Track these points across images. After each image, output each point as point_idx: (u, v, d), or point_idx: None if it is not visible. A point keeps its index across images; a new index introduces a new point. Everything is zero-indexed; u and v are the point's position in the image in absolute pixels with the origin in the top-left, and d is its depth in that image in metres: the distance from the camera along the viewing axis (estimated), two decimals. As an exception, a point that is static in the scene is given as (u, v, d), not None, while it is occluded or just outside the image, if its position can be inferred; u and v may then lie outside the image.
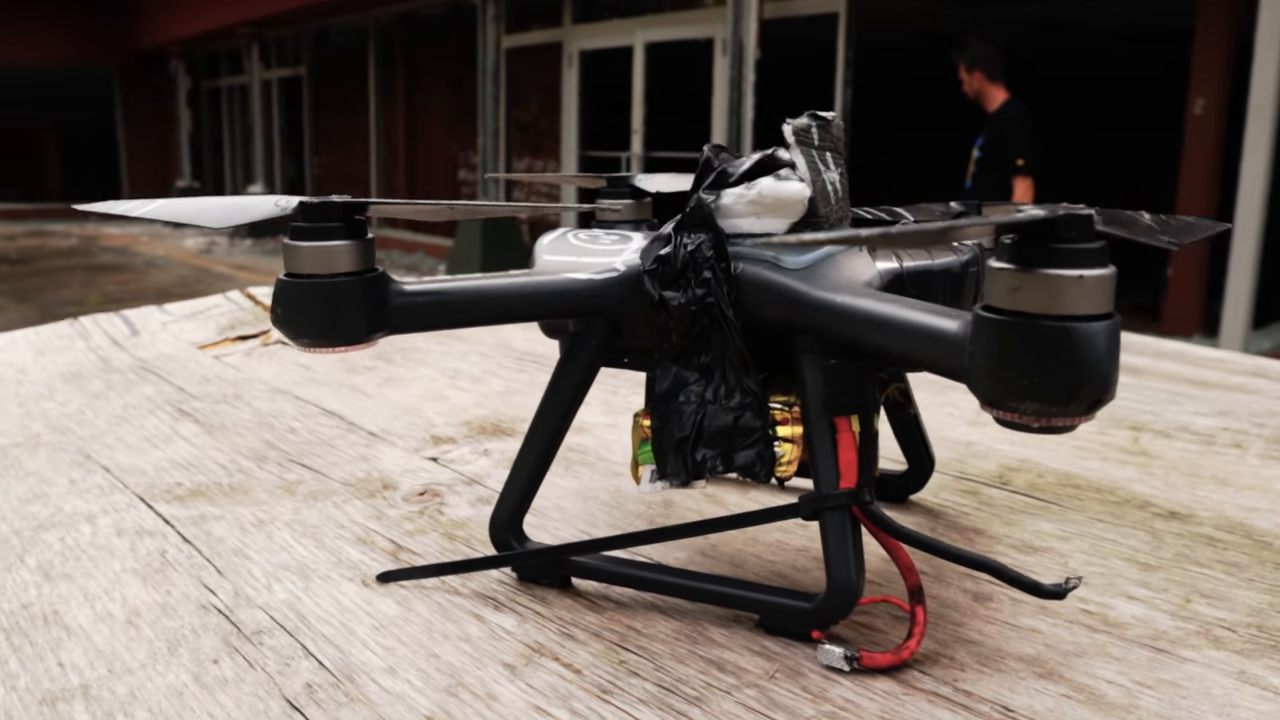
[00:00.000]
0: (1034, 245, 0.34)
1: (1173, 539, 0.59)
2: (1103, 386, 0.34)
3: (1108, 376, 0.34)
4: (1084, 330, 0.34)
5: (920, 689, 0.43)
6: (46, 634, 0.50)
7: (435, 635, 0.49)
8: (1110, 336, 0.34)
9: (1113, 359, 0.34)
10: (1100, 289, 0.34)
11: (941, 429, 0.80)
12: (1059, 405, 0.35)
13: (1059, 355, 0.34)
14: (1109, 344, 0.34)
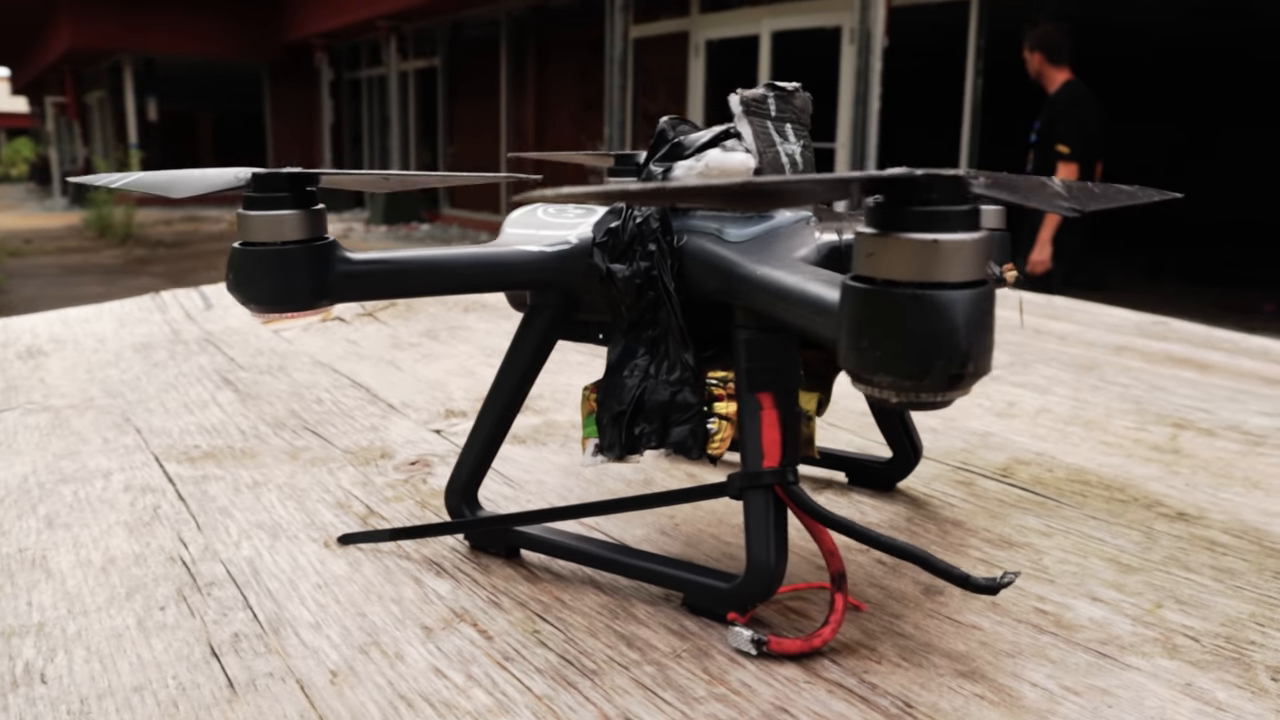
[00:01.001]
0: (893, 208, 0.32)
1: (1169, 541, 0.55)
2: (959, 360, 0.32)
3: (965, 349, 0.32)
4: (937, 299, 0.31)
5: (824, 678, 0.42)
6: (28, 576, 0.53)
7: (371, 596, 0.50)
8: (972, 306, 0.31)
9: (975, 331, 0.32)
10: (959, 255, 0.32)
11: (962, 419, 0.76)
12: (912, 379, 0.32)
13: (909, 325, 0.32)
14: (969, 314, 0.31)
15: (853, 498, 0.61)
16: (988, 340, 0.32)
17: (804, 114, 0.53)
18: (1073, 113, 3.13)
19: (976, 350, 0.32)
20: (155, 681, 0.43)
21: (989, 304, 0.32)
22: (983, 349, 0.32)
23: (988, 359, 0.33)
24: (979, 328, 0.32)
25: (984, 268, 0.32)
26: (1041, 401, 0.82)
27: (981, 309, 0.32)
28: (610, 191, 0.32)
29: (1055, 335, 1.06)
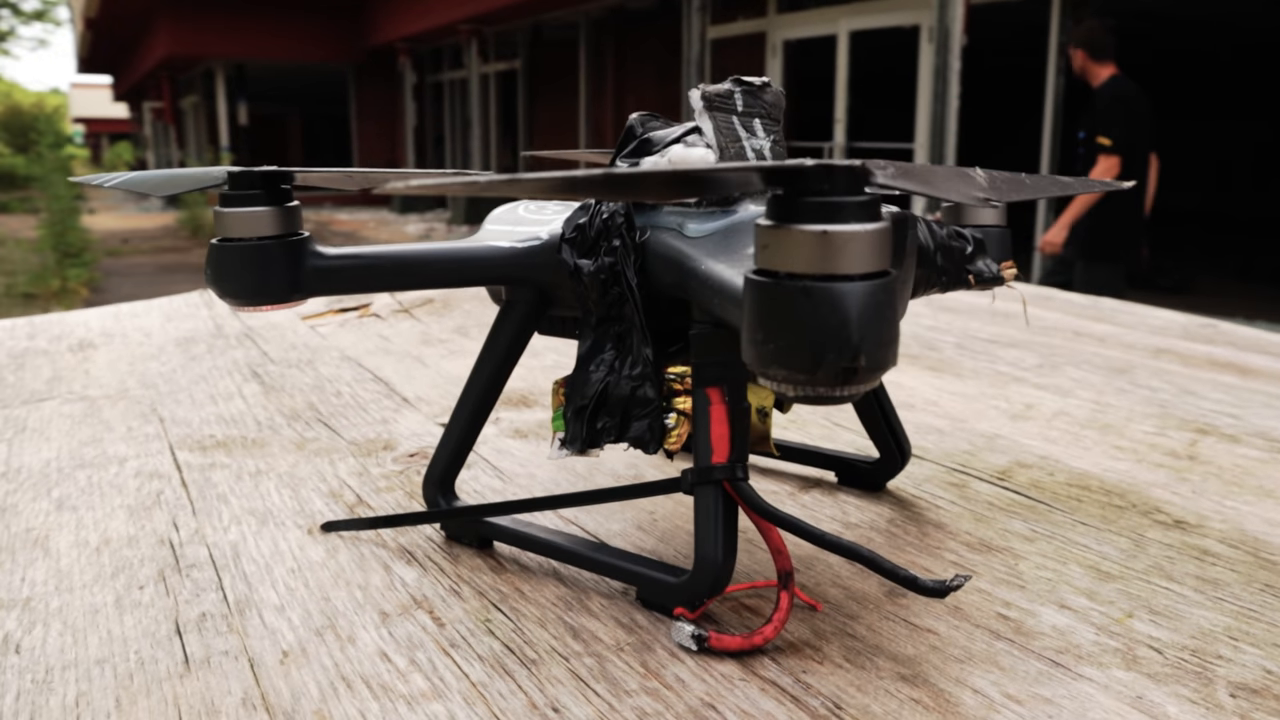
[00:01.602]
0: (788, 199, 0.32)
1: (1158, 549, 0.53)
2: (850, 354, 0.31)
3: (856, 343, 0.31)
4: (826, 290, 0.31)
5: (759, 676, 0.41)
6: (28, 554, 0.56)
7: (339, 581, 0.51)
8: (865, 299, 0.31)
9: (869, 324, 0.31)
10: (851, 246, 0.31)
11: (973, 421, 0.75)
12: (805, 372, 0.32)
13: (799, 318, 0.31)
14: (862, 307, 0.31)
15: (839, 497, 0.61)
16: (885, 333, 0.31)
17: (775, 109, 0.52)
18: (1116, 107, 3.07)
19: (870, 344, 0.31)
20: (118, 655, 0.44)
21: (887, 296, 0.31)
22: (878, 342, 0.31)
23: (886, 353, 0.32)
24: (874, 321, 0.31)
25: (883, 259, 0.32)
26: (1061, 404, 0.79)
27: (877, 301, 0.31)
28: (465, 183, 0.32)
29: (1094, 337, 1.03)
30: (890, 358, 0.32)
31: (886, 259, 0.32)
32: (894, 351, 0.32)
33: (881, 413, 0.58)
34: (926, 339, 1.03)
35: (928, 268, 0.56)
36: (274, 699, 0.41)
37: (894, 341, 0.32)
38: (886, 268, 0.32)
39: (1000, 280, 0.61)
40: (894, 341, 0.32)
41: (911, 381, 0.87)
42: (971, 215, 0.62)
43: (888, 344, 0.32)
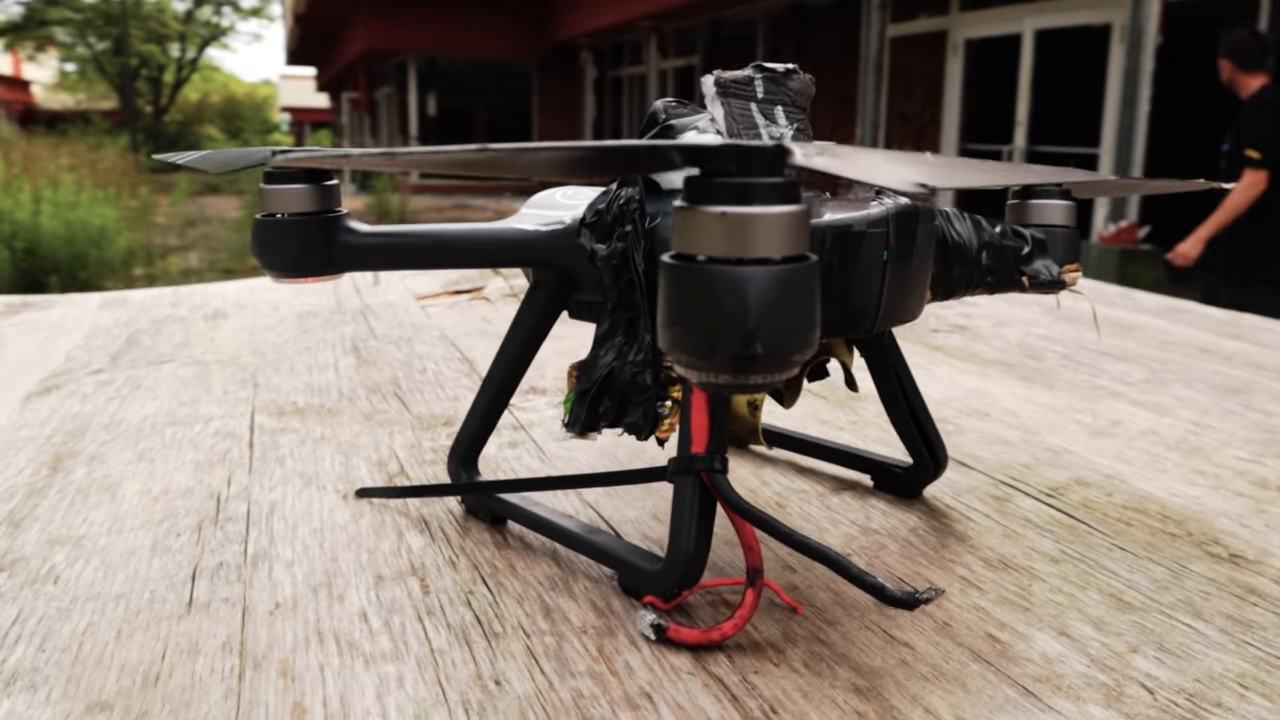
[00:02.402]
0: (697, 181, 0.31)
1: (1196, 583, 0.48)
2: (742, 341, 0.30)
3: (750, 330, 0.30)
4: (722, 274, 0.30)
5: (708, 671, 0.40)
6: (98, 498, 0.61)
7: (352, 544, 0.53)
8: (766, 285, 0.29)
9: (767, 311, 0.30)
10: (755, 229, 0.30)
11: (1046, 433, 0.70)
12: (702, 358, 0.31)
13: (696, 301, 0.30)
14: (762, 293, 0.29)
15: (868, 501, 0.58)
16: (789, 322, 0.30)
17: (801, 96, 0.51)
18: (1266, 117, 2.80)
19: (767, 332, 0.30)
20: (134, 593, 0.48)
21: (793, 284, 0.30)
22: (778, 331, 0.30)
23: (788, 343, 0.30)
24: (775, 308, 0.30)
25: (793, 244, 0.30)
26: (1153, 423, 0.73)
27: (781, 288, 0.30)
28: (334, 154, 0.33)
29: (1221, 355, 0.94)
30: (796, 347, 0.31)
31: (799, 244, 0.30)
32: (802, 341, 0.31)
33: (912, 417, 0.56)
34: (1032, 347, 0.98)
35: (968, 266, 0.54)
36: (250, 645, 0.43)
37: (802, 330, 0.31)
38: (799, 253, 0.31)
39: (1061, 284, 0.57)
40: (802, 330, 0.31)
41: (997, 390, 0.83)
42: (1035, 214, 0.58)
43: (791, 334, 0.30)
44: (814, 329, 0.32)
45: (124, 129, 15.94)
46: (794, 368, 0.32)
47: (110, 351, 1.00)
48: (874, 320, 0.45)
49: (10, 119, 17.79)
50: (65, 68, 19.78)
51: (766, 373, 0.31)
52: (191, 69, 20.33)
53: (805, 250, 0.31)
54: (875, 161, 0.33)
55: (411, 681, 0.40)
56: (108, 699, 0.39)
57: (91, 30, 16.27)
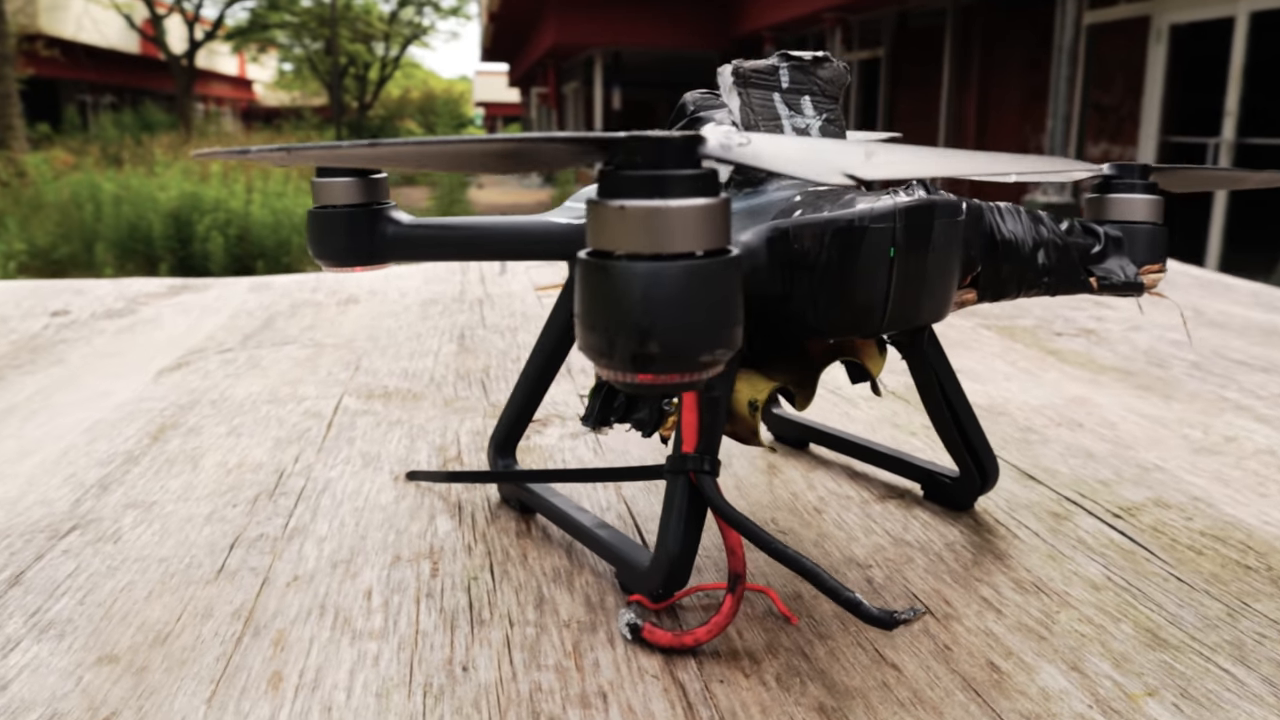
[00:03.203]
0: (607, 174, 0.30)
1: (1253, 623, 0.43)
2: (639, 339, 0.28)
3: (645, 327, 0.28)
4: (619, 269, 0.28)
5: (672, 676, 0.39)
6: (181, 467, 0.66)
7: (384, 524, 0.55)
8: (663, 281, 0.28)
9: (665, 308, 0.28)
10: (653, 223, 0.28)
11: (1142, 447, 0.65)
12: (603, 355, 0.30)
13: (596, 297, 0.29)
14: (657, 289, 0.28)
15: (913, 511, 0.55)
16: (691, 320, 0.29)
17: (831, 85, 0.49)
18: None
19: (663, 329, 0.28)
20: (176, 558, 0.51)
21: (694, 280, 0.29)
22: (679, 329, 0.29)
23: (690, 341, 0.29)
24: (674, 305, 0.28)
25: (701, 239, 0.29)
26: (1274, 442, 0.66)
27: (681, 284, 0.28)
28: (235, 151, 0.33)
29: (1387, 374, 0.84)
30: (702, 346, 0.29)
31: (708, 239, 0.29)
32: (710, 340, 0.29)
33: (955, 424, 0.52)
34: (1161, 354, 0.90)
35: (1020, 264, 0.50)
36: (258, 614, 0.45)
37: (710, 328, 0.29)
38: (707, 248, 0.29)
39: (1138, 287, 0.52)
40: (710, 328, 0.29)
41: (1103, 399, 0.76)
42: (1113, 209, 0.54)
43: (698, 331, 0.29)
44: (728, 327, 0.30)
45: (331, 124, 17.03)
46: (706, 368, 0.30)
47: (245, 332, 1.07)
48: (881, 319, 0.42)
49: (235, 115, 19.36)
50: (283, 67, 21.33)
51: (669, 372, 0.30)
52: (394, 66, 21.47)
53: (718, 245, 0.29)
54: (803, 151, 0.31)
55: (387, 660, 0.41)
56: (118, 653, 0.42)
57: (306, 32, 17.48)
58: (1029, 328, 1.03)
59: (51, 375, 0.92)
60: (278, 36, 17.67)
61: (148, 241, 6.26)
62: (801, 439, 0.67)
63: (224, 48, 17.97)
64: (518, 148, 0.30)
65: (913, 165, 0.34)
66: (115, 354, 1.00)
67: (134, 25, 13.67)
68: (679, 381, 0.30)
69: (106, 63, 13.45)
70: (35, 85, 10.07)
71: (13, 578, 0.49)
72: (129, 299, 1.27)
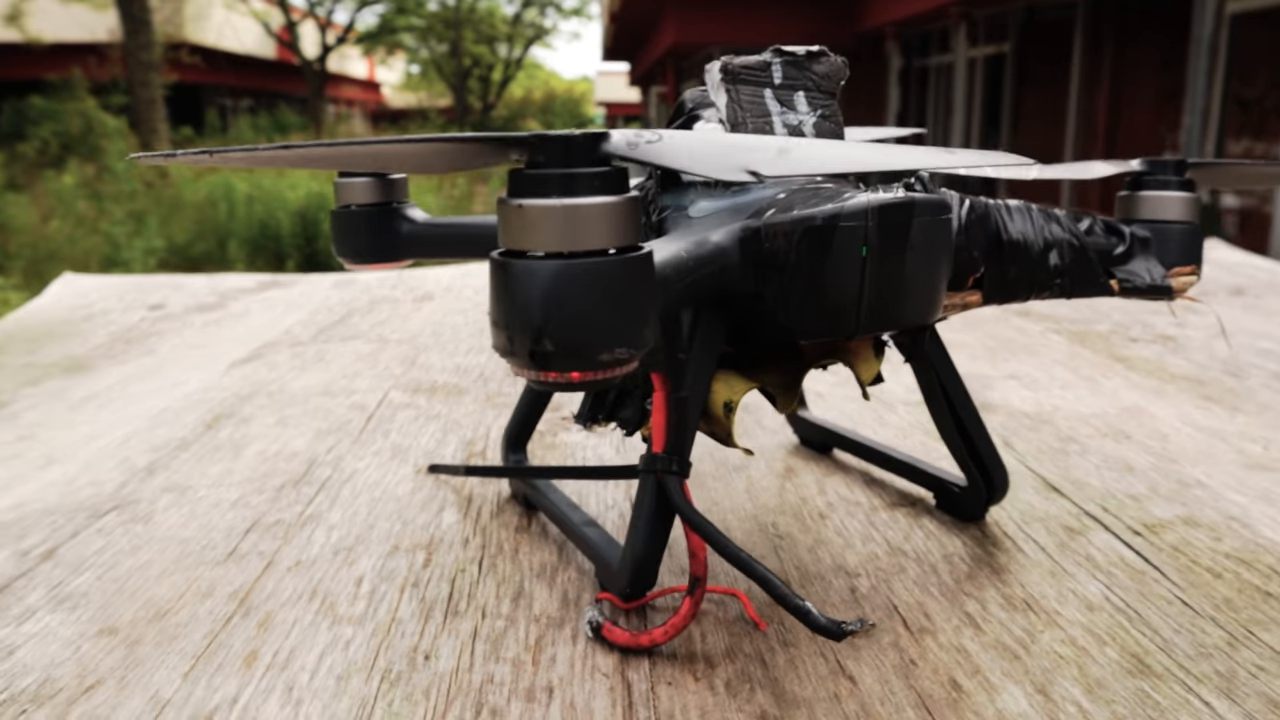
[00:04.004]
0: (513, 172, 0.30)
1: (1253, 654, 0.40)
2: (533, 336, 0.29)
3: (539, 325, 0.28)
4: (514, 267, 0.29)
5: (621, 675, 0.39)
6: (224, 454, 0.69)
7: (394, 515, 0.57)
8: (557, 279, 0.28)
9: (558, 305, 0.28)
10: (545, 221, 0.28)
11: (1193, 463, 0.61)
12: (508, 354, 0.30)
13: (498, 296, 0.29)
14: (550, 287, 0.28)
15: (920, 520, 0.54)
16: (588, 318, 0.29)
17: (828, 80, 0.48)
18: None
19: (560, 327, 0.29)
20: (196, 539, 0.54)
21: (592, 278, 0.29)
22: (574, 325, 0.29)
23: (588, 339, 0.29)
24: (567, 303, 0.28)
25: (599, 237, 0.29)
26: (1337, 465, 0.62)
27: (574, 283, 0.28)
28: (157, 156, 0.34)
29: None
30: (602, 344, 0.29)
31: (606, 237, 0.29)
32: (610, 338, 0.29)
33: (960, 432, 0.51)
34: (1240, 363, 0.85)
35: (1029, 265, 0.48)
36: (253, 596, 0.47)
37: (611, 327, 0.29)
38: (610, 245, 0.29)
39: (1165, 290, 0.50)
40: (611, 327, 0.29)
41: (1160, 409, 0.73)
42: (1144, 207, 0.51)
43: (597, 329, 0.29)
44: (630, 326, 0.30)
45: (455, 124, 17.49)
46: (608, 366, 0.30)
47: (321, 327, 1.12)
48: (855, 321, 0.42)
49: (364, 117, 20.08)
50: (410, 70, 22.03)
51: (567, 370, 0.30)
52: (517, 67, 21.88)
53: (618, 243, 0.29)
54: (711, 149, 0.31)
55: (358, 645, 0.43)
56: (119, 626, 0.45)
57: (432, 35, 17.99)
58: (1103, 333, 0.99)
59: (138, 365, 0.98)
60: (405, 40, 18.24)
61: (276, 239, 6.56)
62: (825, 443, 0.65)
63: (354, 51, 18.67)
64: (430, 147, 0.31)
65: (831, 160, 0.33)
66: (199, 346, 1.05)
67: (271, 32, 14.34)
68: (582, 380, 0.30)
69: (245, 68, 14.16)
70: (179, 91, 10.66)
71: (47, 552, 0.53)
72: (221, 294, 1.34)
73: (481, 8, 18.77)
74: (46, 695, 0.39)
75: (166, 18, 10.75)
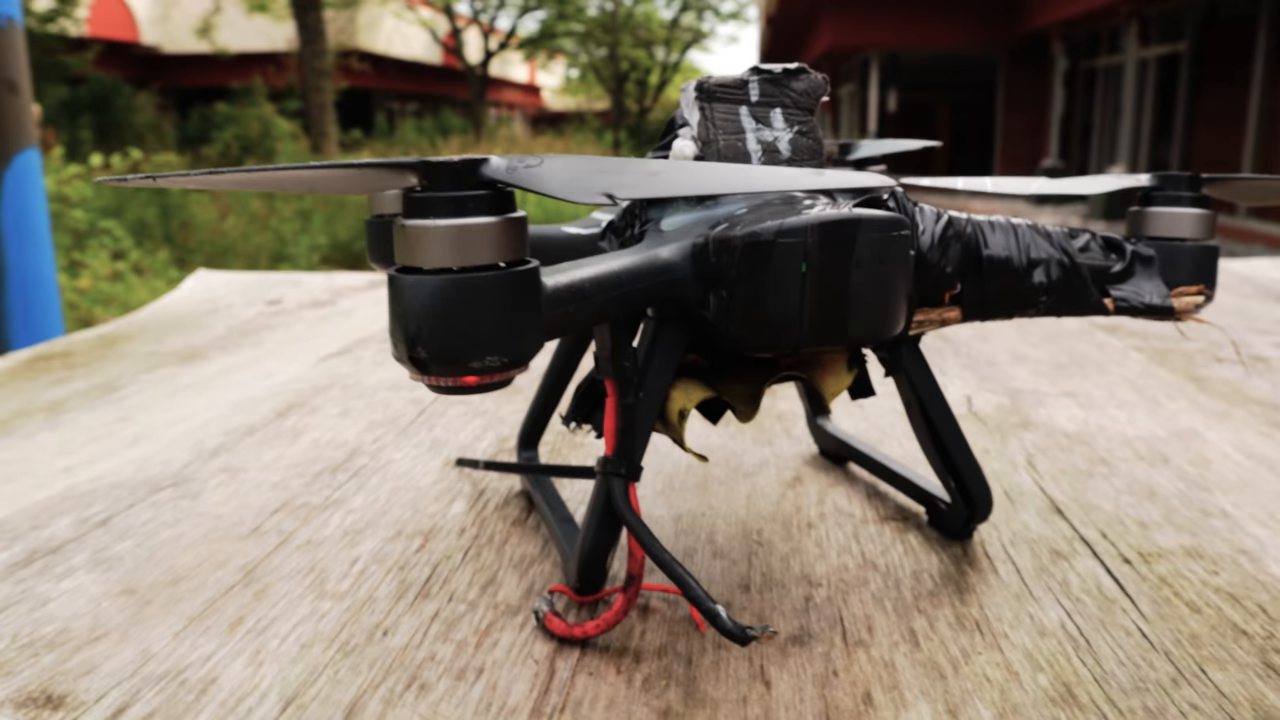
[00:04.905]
0: (405, 195, 0.32)
1: (1196, 693, 0.39)
2: (408, 344, 0.31)
3: (413, 334, 0.31)
4: (397, 282, 0.31)
5: (551, 663, 0.42)
6: (283, 440, 0.75)
7: (409, 504, 0.61)
8: (425, 292, 0.31)
9: (428, 317, 0.31)
10: (424, 240, 0.31)
11: (1225, 491, 0.58)
12: (399, 360, 0.32)
13: (389, 307, 0.32)
14: (421, 300, 0.31)
15: (902, 536, 0.54)
16: (455, 329, 0.31)
17: (806, 97, 0.49)
18: None
19: (430, 335, 0.31)
20: (230, 518, 0.59)
21: (457, 293, 0.31)
22: (440, 336, 0.31)
23: (456, 348, 0.32)
24: (435, 315, 0.31)
25: (465, 255, 0.31)
26: (1388, 503, 0.57)
27: (441, 297, 0.31)
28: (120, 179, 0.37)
29: None
30: (470, 353, 0.32)
31: (475, 254, 0.31)
32: (477, 347, 0.32)
33: (940, 451, 0.50)
34: (1326, 395, 0.79)
35: (1010, 282, 0.48)
36: (260, 569, 0.52)
37: (476, 338, 0.32)
38: (475, 263, 0.31)
39: (1166, 311, 0.49)
40: (476, 338, 0.32)
41: (1219, 435, 0.69)
42: (1153, 224, 0.50)
43: (463, 339, 0.31)
44: (501, 337, 0.32)
45: (610, 127, 17.78)
46: (481, 373, 0.33)
47: (413, 323, 1.18)
48: (799, 336, 0.42)
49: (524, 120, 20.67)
50: (570, 74, 22.54)
51: (442, 375, 0.32)
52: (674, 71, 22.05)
53: (490, 260, 0.32)
54: (575, 173, 0.33)
55: (329, 619, 0.46)
56: (138, 588, 0.50)
57: (592, 40, 18.35)
58: (1189, 352, 0.94)
59: (243, 356, 1.07)
60: (565, 45, 18.68)
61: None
62: (838, 454, 0.66)
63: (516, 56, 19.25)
64: (337, 172, 0.34)
65: (699, 183, 0.34)
66: (302, 340, 1.13)
67: (437, 39, 14.98)
68: (458, 385, 0.33)
69: (412, 73, 14.84)
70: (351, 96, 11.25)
71: (103, 520, 0.59)
72: (334, 291, 1.43)
73: (639, 13, 19.02)
74: (59, 643, 0.45)
75: (340, 27, 11.40)
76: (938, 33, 12.93)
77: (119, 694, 0.40)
